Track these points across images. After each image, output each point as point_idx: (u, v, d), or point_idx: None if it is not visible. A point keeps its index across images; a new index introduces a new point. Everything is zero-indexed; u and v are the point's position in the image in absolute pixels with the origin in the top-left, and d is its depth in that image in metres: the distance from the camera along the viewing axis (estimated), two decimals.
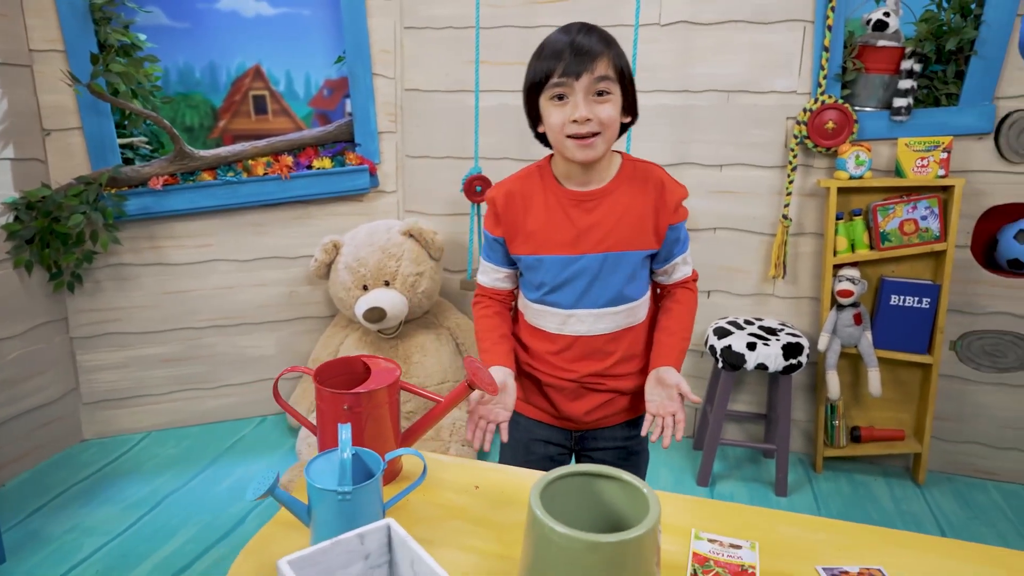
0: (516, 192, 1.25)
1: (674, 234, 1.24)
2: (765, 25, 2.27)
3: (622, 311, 1.24)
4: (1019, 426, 2.36)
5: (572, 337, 1.25)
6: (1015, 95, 2.15)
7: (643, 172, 1.23)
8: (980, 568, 0.87)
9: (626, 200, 1.20)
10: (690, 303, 1.30)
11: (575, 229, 1.20)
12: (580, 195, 1.20)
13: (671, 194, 1.21)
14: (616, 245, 1.20)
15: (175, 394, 2.65)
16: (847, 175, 2.20)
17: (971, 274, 2.28)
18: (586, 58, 1.10)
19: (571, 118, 1.12)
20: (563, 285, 1.23)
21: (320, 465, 0.88)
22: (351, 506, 0.83)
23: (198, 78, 2.86)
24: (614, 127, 1.15)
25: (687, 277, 1.30)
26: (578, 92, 1.12)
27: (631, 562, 0.69)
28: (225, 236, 2.57)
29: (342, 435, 0.85)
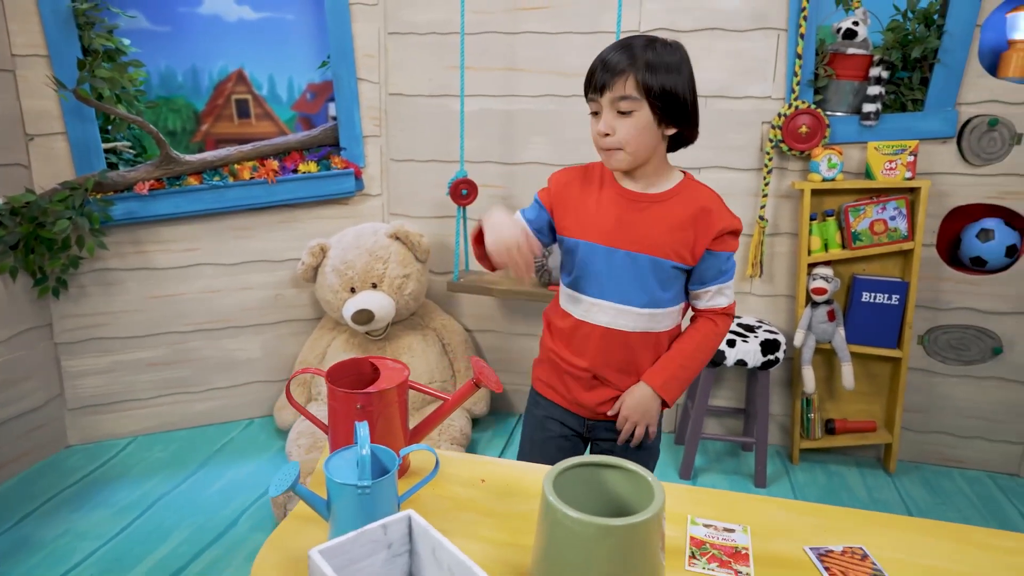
0: (575, 179, 1.33)
1: (713, 260, 1.26)
2: (740, 33, 2.35)
3: (645, 314, 1.28)
4: (982, 416, 2.48)
5: (592, 325, 1.30)
6: (975, 101, 2.26)
7: (697, 193, 1.26)
8: (950, 544, 0.95)
9: (673, 211, 1.24)
10: (705, 333, 1.30)
11: (619, 223, 1.25)
12: (635, 195, 1.26)
13: (718, 220, 1.23)
14: (652, 249, 1.24)
15: (161, 398, 2.65)
16: (820, 177, 2.30)
17: (937, 271, 2.39)
18: (608, 76, 1.17)
19: (598, 130, 1.21)
20: (594, 274, 1.28)
21: (337, 462, 0.92)
22: (369, 499, 0.87)
23: (180, 82, 2.86)
24: (637, 142, 1.19)
25: (718, 308, 1.30)
26: (604, 107, 1.19)
27: (639, 545, 0.75)
28: (211, 240, 2.58)
29: (360, 432, 0.89)
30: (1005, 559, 0.92)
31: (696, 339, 1.30)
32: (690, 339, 1.31)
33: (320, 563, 0.72)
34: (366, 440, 0.88)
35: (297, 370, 1.11)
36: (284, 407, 2.59)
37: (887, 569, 0.89)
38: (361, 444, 0.88)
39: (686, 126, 1.23)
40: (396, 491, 0.92)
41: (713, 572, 0.88)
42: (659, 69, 1.16)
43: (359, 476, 0.87)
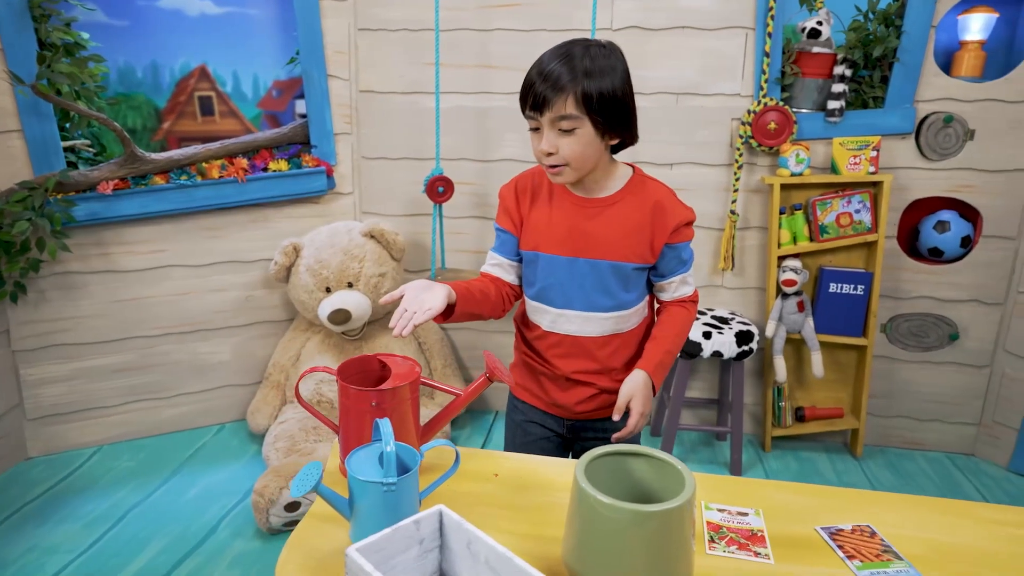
0: (524, 186, 1.31)
1: (673, 253, 1.26)
2: (710, 31, 2.41)
3: (611, 317, 1.28)
4: (940, 400, 2.59)
5: (561, 335, 1.30)
6: (932, 99, 2.36)
7: (647, 190, 1.25)
8: (949, 518, 1.00)
9: (627, 212, 1.23)
10: (681, 319, 1.31)
11: (573, 232, 1.24)
12: (584, 201, 1.25)
13: (671, 216, 1.23)
14: (610, 254, 1.24)
15: (128, 405, 2.56)
16: (789, 172, 2.37)
17: (898, 262, 2.49)
18: (549, 94, 1.12)
19: (540, 147, 1.17)
20: (555, 284, 1.28)
21: (358, 459, 0.91)
22: (394, 497, 0.87)
23: (140, 78, 2.77)
24: (581, 159, 1.17)
25: (686, 296, 1.32)
26: (544, 125, 1.15)
27: (674, 530, 0.77)
28: (178, 241, 2.51)
29: (384, 429, 0.88)
30: (999, 530, 0.97)
31: (676, 325, 1.31)
32: (670, 326, 1.30)
33: (360, 560, 0.72)
34: (391, 437, 0.87)
35: (305, 370, 1.09)
36: (258, 411, 2.53)
37: (895, 545, 0.93)
38: (386, 441, 0.87)
39: (628, 133, 1.22)
40: (418, 487, 0.92)
41: (734, 554, 0.91)
42: (597, 79, 1.12)
43: (384, 474, 0.86)
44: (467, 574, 0.80)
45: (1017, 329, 2.45)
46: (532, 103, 1.15)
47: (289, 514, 2.02)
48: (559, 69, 1.12)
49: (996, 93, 2.32)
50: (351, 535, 0.91)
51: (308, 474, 0.87)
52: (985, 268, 2.45)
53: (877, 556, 0.91)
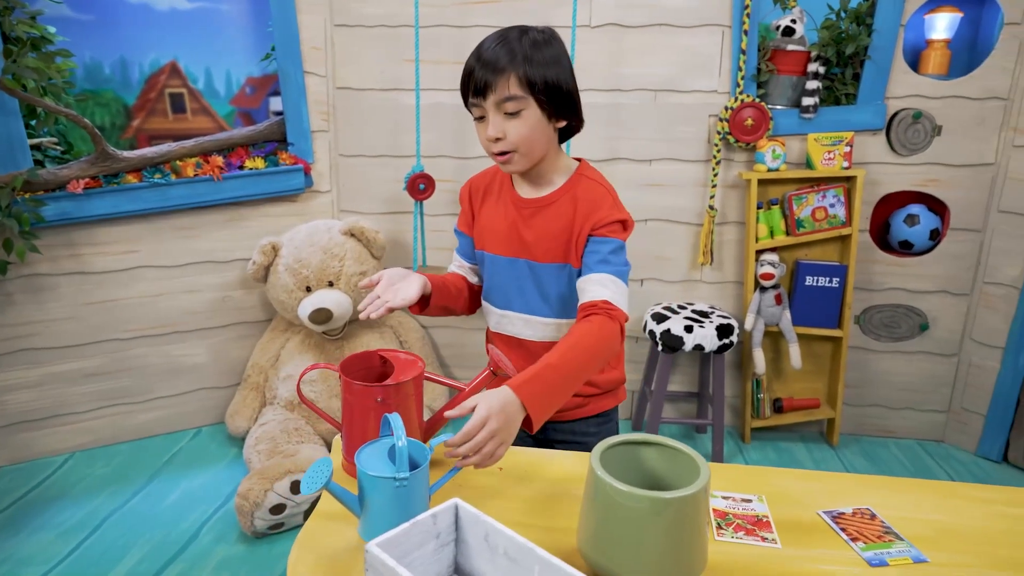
0: (477, 186, 1.31)
1: (595, 246, 1.16)
2: (687, 29, 2.43)
3: (551, 324, 1.24)
4: (911, 388, 2.67)
5: (507, 336, 1.28)
6: (901, 95, 2.43)
7: (586, 188, 1.19)
8: (942, 499, 1.03)
9: (560, 212, 1.19)
10: (584, 332, 1.07)
11: (513, 233, 1.22)
12: (523, 201, 1.22)
13: (598, 211, 1.16)
14: (545, 256, 1.20)
15: (101, 411, 2.49)
16: (765, 168, 2.41)
17: (870, 255, 2.55)
18: (490, 77, 1.09)
19: (487, 136, 1.13)
20: (497, 285, 1.27)
21: (367, 455, 0.90)
22: (406, 492, 0.86)
23: (108, 75, 2.70)
24: (529, 143, 1.13)
25: (596, 300, 1.11)
26: (488, 111, 1.12)
27: (691, 517, 0.77)
28: (152, 241, 2.45)
29: (395, 424, 0.87)
30: (991, 509, 1.00)
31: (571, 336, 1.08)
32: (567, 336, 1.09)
33: (382, 556, 0.71)
34: (403, 432, 0.87)
35: (307, 368, 1.07)
36: (237, 413, 2.48)
37: (894, 526, 0.96)
38: (398, 436, 0.86)
39: (574, 116, 1.18)
40: (428, 482, 0.91)
41: (742, 540, 0.92)
42: (538, 61, 1.11)
43: (396, 469, 0.85)
44: (484, 567, 0.80)
45: (983, 319, 2.53)
46: (474, 89, 1.11)
47: (274, 517, 1.99)
48: (498, 52, 1.11)
49: (961, 90, 2.39)
50: (360, 531, 0.90)
51: (318, 471, 0.86)
52: (952, 260, 2.52)
53: (879, 537, 0.93)
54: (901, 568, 0.88)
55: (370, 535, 0.86)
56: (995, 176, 2.44)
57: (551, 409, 1.01)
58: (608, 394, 1.30)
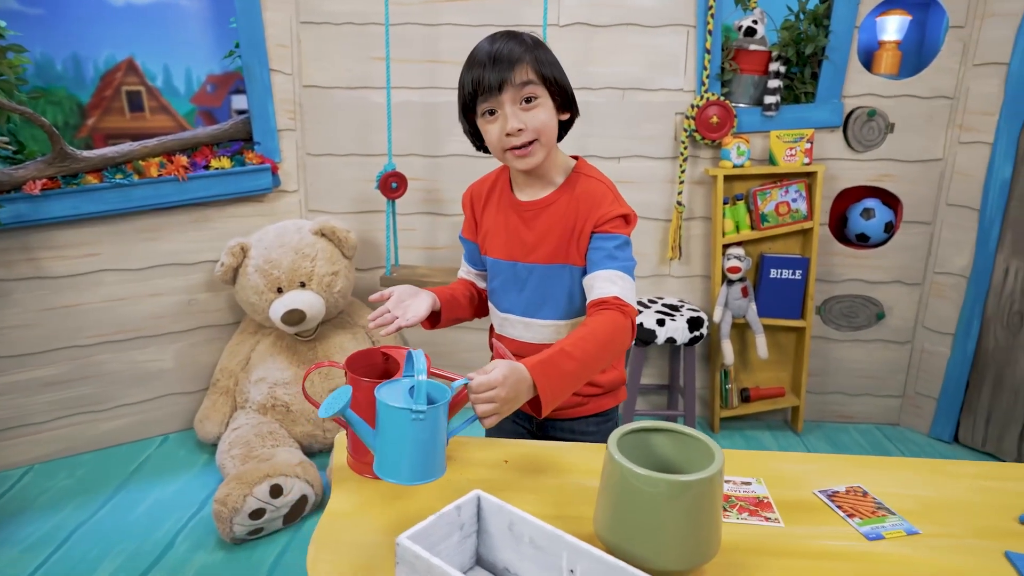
0: (478, 193, 1.32)
1: (600, 242, 1.16)
2: (654, 28, 2.49)
3: (550, 326, 1.24)
4: (869, 375, 2.78)
5: (510, 339, 1.29)
6: (857, 94, 2.53)
7: (585, 186, 1.20)
8: (927, 475, 1.08)
9: (561, 213, 1.19)
10: (595, 323, 1.08)
11: (514, 237, 1.23)
12: (523, 205, 1.22)
13: (600, 207, 1.17)
14: (547, 258, 1.20)
15: (61, 420, 2.40)
16: (731, 164, 2.48)
17: (829, 247, 2.65)
18: (505, 67, 1.09)
19: (505, 131, 1.12)
20: (499, 288, 1.28)
21: (388, 390, 0.90)
22: (422, 427, 0.85)
23: (60, 71, 2.60)
24: (549, 130, 1.14)
25: (606, 297, 1.11)
26: (505, 104, 1.11)
27: (706, 499, 0.80)
28: (113, 244, 2.37)
29: (417, 361, 0.88)
30: (971, 483, 1.07)
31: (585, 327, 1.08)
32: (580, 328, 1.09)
33: (413, 548, 0.71)
34: (424, 367, 0.87)
35: (312, 366, 1.06)
36: (207, 418, 2.43)
37: (885, 502, 1.01)
38: (419, 371, 0.86)
39: (574, 108, 1.20)
40: (446, 423, 0.91)
41: (747, 520, 0.96)
42: (543, 55, 1.14)
43: (415, 403, 0.85)
44: (508, 556, 0.81)
45: (934, 307, 2.66)
46: (487, 86, 1.10)
47: (254, 522, 1.95)
48: (508, 46, 1.11)
49: (912, 89, 2.51)
50: (375, 467, 0.89)
51: (337, 398, 0.86)
52: (905, 252, 2.64)
53: (873, 513, 0.98)
54: (896, 540, 0.92)
55: (384, 471, 0.87)
56: (943, 171, 2.57)
57: (561, 396, 1.01)
58: (608, 394, 1.30)
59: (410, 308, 1.16)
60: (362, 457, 1.03)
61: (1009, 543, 0.91)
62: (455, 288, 1.32)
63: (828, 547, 0.90)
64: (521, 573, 0.80)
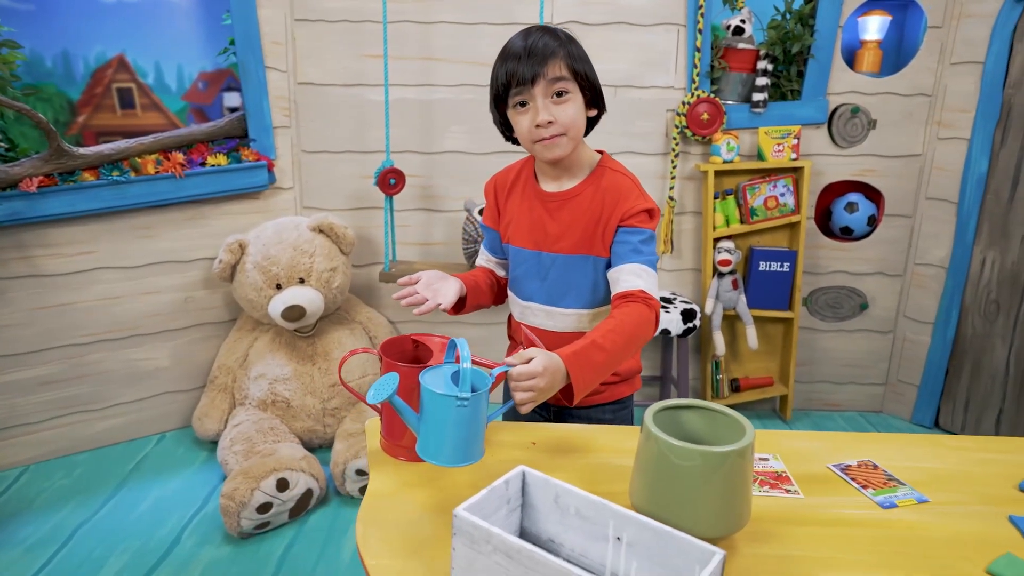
0: (502, 183, 1.35)
1: (626, 236, 1.19)
2: (645, 27, 2.54)
3: (571, 315, 1.26)
4: (853, 364, 2.87)
5: (529, 327, 1.31)
6: (841, 91, 2.61)
7: (611, 180, 1.23)
8: (930, 449, 1.15)
9: (586, 205, 1.22)
10: (622, 313, 1.12)
11: (538, 226, 1.26)
12: (548, 195, 1.25)
13: (625, 201, 1.20)
14: (571, 248, 1.23)
15: (57, 420, 2.38)
16: (721, 160, 2.54)
17: (815, 240, 2.74)
18: (538, 62, 1.13)
19: (535, 123, 1.16)
20: (521, 276, 1.31)
21: (431, 376, 0.94)
22: (466, 413, 0.90)
23: (49, 68, 2.58)
24: (577, 126, 1.18)
25: (632, 290, 1.15)
26: (537, 96, 1.15)
27: (738, 470, 0.85)
28: (109, 242, 2.36)
29: (462, 349, 0.92)
30: (969, 455, 1.13)
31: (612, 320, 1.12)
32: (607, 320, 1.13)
33: (469, 518, 0.75)
34: (468, 356, 0.91)
35: (347, 353, 1.08)
36: (205, 415, 2.42)
37: (895, 474, 1.07)
38: (464, 359, 0.90)
39: (601, 106, 1.24)
40: (487, 408, 0.95)
41: (769, 493, 1.01)
42: (576, 51, 1.18)
43: (460, 389, 0.89)
44: (554, 528, 0.85)
45: (914, 297, 2.76)
46: (521, 74, 1.13)
47: (260, 516, 1.96)
48: (543, 40, 1.15)
49: (892, 87, 2.60)
50: (419, 449, 0.93)
51: (384, 384, 0.91)
52: (887, 244, 2.74)
53: (885, 484, 1.04)
54: (909, 508, 0.98)
55: (428, 453, 0.92)
56: (923, 166, 2.66)
57: (591, 385, 1.05)
58: (625, 382, 1.34)
59: (440, 291, 1.20)
60: (396, 440, 1.06)
61: (1012, 508, 0.98)
62: (477, 275, 1.35)
63: (847, 515, 0.96)
64: (567, 543, 0.84)
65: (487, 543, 0.73)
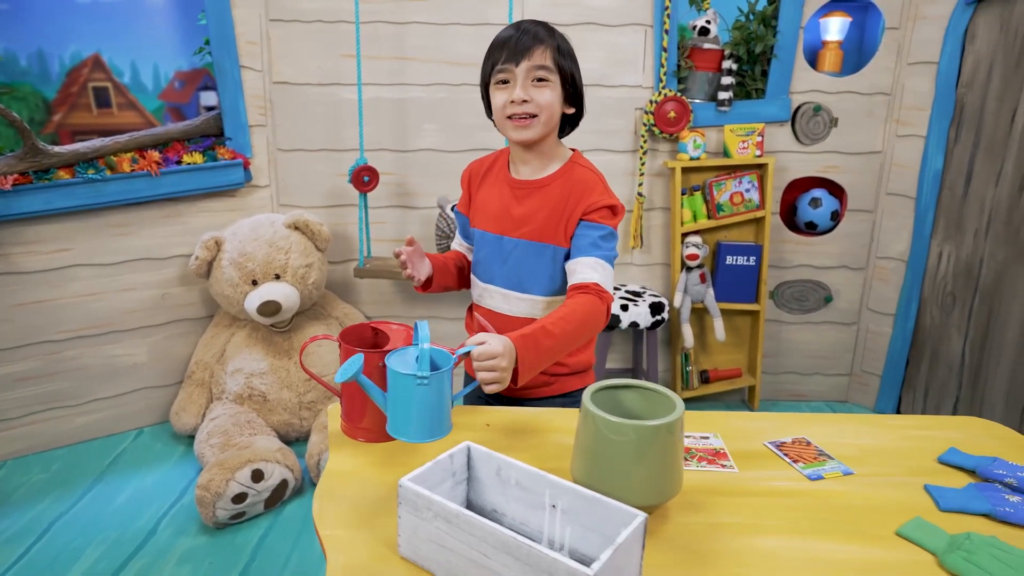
0: (477, 170, 1.41)
1: (585, 231, 1.24)
2: (614, 27, 2.60)
3: (527, 300, 1.31)
4: (819, 355, 2.96)
5: (487, 310, 1.37)
6: (803, 91, 2.69)
7: (579, 175, 1.28)
8: (865, 427, 1.22)
9: (554, 195, 1.27)
10: (574, 303, 1.17)
11: (504, 212, 1.31)
12: (517, 182, 1.31)
13: (590, 196, 1.25)
14: (533, 235, 1.28)
15: (34, 416, 2.41)
16: (688, 157, 2.61)
17: (781, 235, 2.81)
18: (526, 47, 1.20)
19: (511, 99, 1.22)
20: (483, 259, 1.37)
21: (396, 359, 1.01)
22: (427, 391, 0.96)
23: (24, 67, 2.61)
24: (551, 111, 1.23)
25: (588, 282, 1.20)
26: (518, 76, 1.21)
27: (668, 443, 0.91)
28: (85, 239, 2.39)
29: (420, 330, 0.99)
30: (900, 432, 1.20)
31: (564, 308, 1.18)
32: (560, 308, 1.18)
33: (413, 487, 0.80)
34: (427, 337, 0.98)
35: (308, 340, 1.13)
36: (183, 410, 2.46)
37: (827, 450, 1.13)
38: (423, 340, 0.97)
39: (580, 106, 1.31)
40: (451, 389, 1.02)
41: (705, 468, 1.07)
42: (565, 48, 1.26)
43: (419, 368, 0.96)
44: (497, 499, 0.90)
45: (876, 290, 2.85)
46: (508, 54, 1.21)
47: (236, 506, 2.01)
48: (536, 28, 1.23)
49: (853, 86, 2.68)
50: (388, 428, 1.01)
51: (351, 365, 0.98)
52: (850, 238, 2.82)
53: (815, 458, 1.10)
54: (834, 480, 1.05)
55: (396, 430, 1.00)
56: (883, 163, 2.74)
57: (537, 369, 1.11)
58: (576, 375, 1.38)
59: (417, 266, 1.30)
60: (356, 423, 1.11)
61: (929, 479, 1.05)
62: (448, 257, 1.42)
63: (775, 487, 1.02)
64: (509, 513, 0.89)
65: (428, 510, 0.79)
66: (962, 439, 1.17)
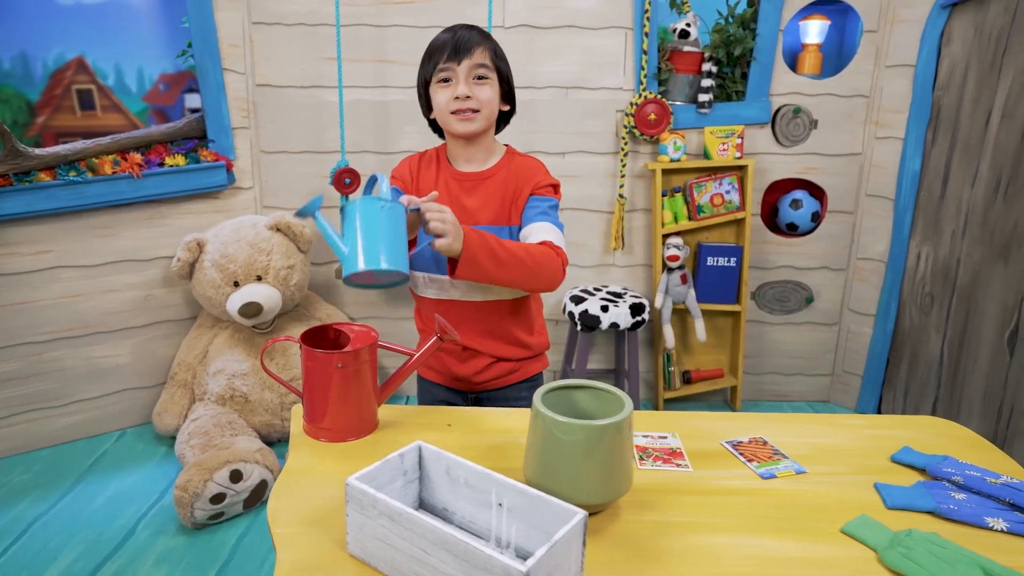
0: (414, 160, 1.44)
1: (535, 203, 1.35)
2: (594, 30, 2.62)
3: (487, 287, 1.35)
4: (801, 355, 2.97)
5: (450, 301, 1.38)
6: (782, 93, 2.71)
7: (521, 162, 1.39)
8: (822, 427, 1.23)
9: (500, 183, 1.36)
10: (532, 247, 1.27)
11: (456, 203, 1.35)
12: (463, 175, 1.38)
13: (535, 176, 1.37)
14: (490, 220, 1.36)
15: (15, 417, 2.42)
16: (668, 158, 2.63)
17: (762, 236, 2.83)
18: (466, 47, 1.29)
19: (454, 96, 1.29)
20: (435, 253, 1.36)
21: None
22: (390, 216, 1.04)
23: (7, 69, 2.62)
24: (492, 107, 1.33)
25: (543, 241, 1.31)
26: (460, 75, 1.29)
27: (616, 442, 0.92)
28: (68, 241, 2.40)
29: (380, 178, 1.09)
30: (857, 431, 1.22)
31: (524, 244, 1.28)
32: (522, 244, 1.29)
33: (359, 486, 0.82)
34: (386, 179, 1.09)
35: (269, 341, 1.15)
36: (165, 411, 2.47)
37: (782, 449, 1.15)
38: (382, 179, 1.07)
39: (513, 103, 1.40)
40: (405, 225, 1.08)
41: (661, 468, 1.08)
42: (499, 50, 1.36)
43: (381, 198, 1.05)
44: (447, 497, 0.92)
45: (857, 291, 2.86)
46: (452, 51, 1.29)
47: (214, 506, 2.02)
48: (471, 32, 1.32)
49: (832, 88, 2.70)
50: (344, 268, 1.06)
51: (312, 204, 1.06)
52: (831, 239, 2.84)
53: (769, 458, 1.12)
54: (787, 478, 1.06)
55: (350, 268, 1.05)
56: (862, 164, 2.76)
57: (479, 267, 1.19)
58: (536, 359, 1.47)
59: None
60: (317, 423, 1.12)
61: (880, 477, 1.06)
62: None
63: (728, 486, 1.04)
64: (459, 511, 0.91)
65: (373, 508, 0.80)
66: (920, 438, 1.19)
